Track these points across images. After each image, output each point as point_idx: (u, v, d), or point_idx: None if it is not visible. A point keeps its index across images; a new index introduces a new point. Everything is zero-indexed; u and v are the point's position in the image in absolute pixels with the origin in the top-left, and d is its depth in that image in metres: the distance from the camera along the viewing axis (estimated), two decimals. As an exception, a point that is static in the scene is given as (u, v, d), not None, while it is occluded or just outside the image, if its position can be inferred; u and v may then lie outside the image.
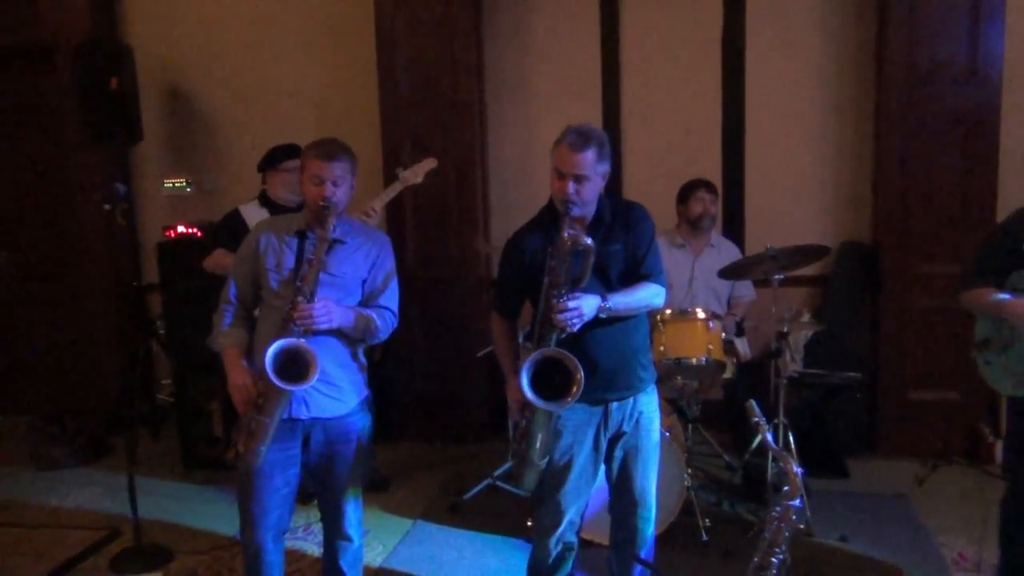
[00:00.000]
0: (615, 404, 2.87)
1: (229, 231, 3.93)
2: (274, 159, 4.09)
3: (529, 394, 2.63)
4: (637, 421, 2.91)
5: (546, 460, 2.85)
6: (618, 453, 2.93)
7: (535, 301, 2.86)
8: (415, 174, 4.19)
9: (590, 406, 2.83)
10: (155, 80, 5.57)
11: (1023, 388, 2.75)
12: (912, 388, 4.75)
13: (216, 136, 5.66)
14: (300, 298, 2.71)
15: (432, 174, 4.24)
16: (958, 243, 4.57)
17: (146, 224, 5.74)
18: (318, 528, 3.91)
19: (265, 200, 4.11)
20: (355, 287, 2.91)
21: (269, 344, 2.64)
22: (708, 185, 4.56)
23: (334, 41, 5.40)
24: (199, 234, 4.83)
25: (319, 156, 2.79)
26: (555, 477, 2.91)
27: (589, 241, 2.64)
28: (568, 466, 2.89)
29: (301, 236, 2.86)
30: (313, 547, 3.86)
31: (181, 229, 4.87)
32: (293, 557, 3.70)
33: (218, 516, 4.23)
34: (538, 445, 2.78)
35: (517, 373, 2.74)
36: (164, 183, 5.62)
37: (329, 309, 2.75)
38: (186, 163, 5.71)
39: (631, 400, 2.90)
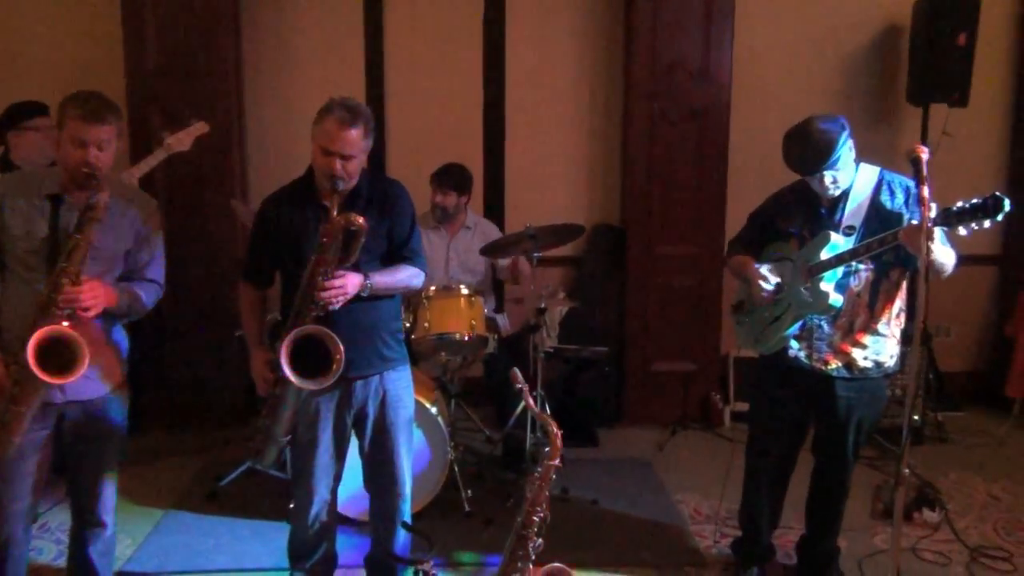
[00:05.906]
0: (358, 383, 2.86)
1: None
2: (18, 117, 3.69)
3: (287, 371, 2.59)
4: (383, 400, 2.91)
5: (288, 437, 2.83)
6: (368, 432, 2.93)
7: (285, 273, 2.83)
8: (181, 141, 3.96)
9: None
10: None
11: (760, 347, 3.10)
12: (654, 360, 5.14)
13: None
14: (65, 279, 2.45)
15: (203, 139, 4.03)
16: (694, 226, 5.01)
17: None
18: (54, 525, 3.64)
19: (7, 165, 3.68)
20: (117, 260, 2.70)
21: (29, 331, 2.39)
22: (442, 178, 4.50)
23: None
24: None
25: (84, 117, 2.48)
26: (302, 456, 2.91)
27: (362, 221, 2.63)
28: (313, 444, 2.87)
29: (55, 201, 2.57)
30: (51, 545, 3.56)
31: None
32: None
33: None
34: (284, 422, 2.76)
35: (263, 347, 2.79)
36: None
37: (97, 293, 2.50)
38: None
39: (376, 378, 2.89)
